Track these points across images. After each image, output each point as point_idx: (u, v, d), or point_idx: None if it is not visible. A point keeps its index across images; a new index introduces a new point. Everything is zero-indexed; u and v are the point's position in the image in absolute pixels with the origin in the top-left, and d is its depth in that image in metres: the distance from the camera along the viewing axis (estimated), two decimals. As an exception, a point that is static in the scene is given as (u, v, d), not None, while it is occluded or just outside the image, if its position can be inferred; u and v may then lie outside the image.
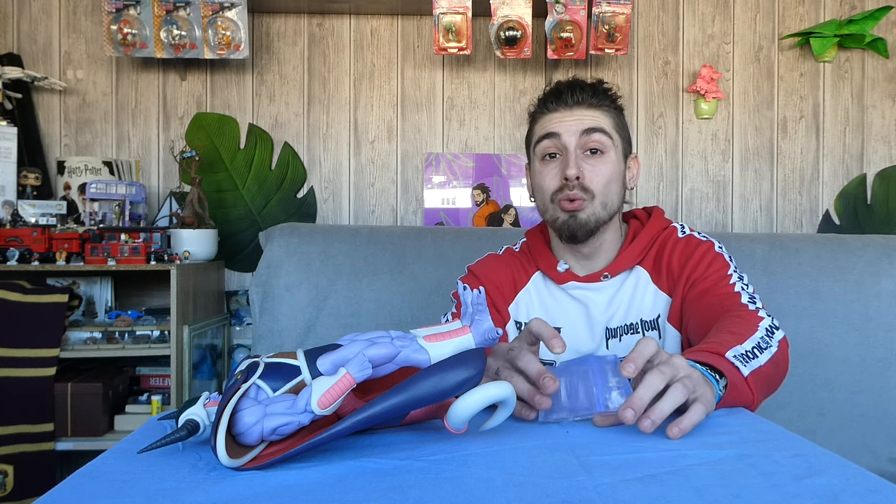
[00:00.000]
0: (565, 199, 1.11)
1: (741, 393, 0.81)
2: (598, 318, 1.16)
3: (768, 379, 0.88)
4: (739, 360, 0.83)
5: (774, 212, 2.45)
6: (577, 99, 1.13)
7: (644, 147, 2.43)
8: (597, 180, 1.11)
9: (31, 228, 1.97)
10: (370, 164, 2.41)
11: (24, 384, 1.85)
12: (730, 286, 1.06)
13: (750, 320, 0.94)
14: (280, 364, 0.63)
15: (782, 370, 0.93)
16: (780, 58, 2.44)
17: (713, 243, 1.15)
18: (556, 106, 1.14)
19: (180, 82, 2.37)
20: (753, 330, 0.91)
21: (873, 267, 1.68)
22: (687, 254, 1.13)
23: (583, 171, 1.11)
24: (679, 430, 0.68)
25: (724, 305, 1.01)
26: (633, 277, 1.17)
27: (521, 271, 1.24)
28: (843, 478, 0.57)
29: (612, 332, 1.15)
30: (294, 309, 1.67)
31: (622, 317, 1.15)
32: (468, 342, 0.66)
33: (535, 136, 1.18)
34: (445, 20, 2.16)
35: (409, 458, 0.63)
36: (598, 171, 1.12)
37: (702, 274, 1.09)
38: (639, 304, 1.15)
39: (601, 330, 1.16)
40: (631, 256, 1.16)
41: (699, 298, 1.07)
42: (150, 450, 0.62)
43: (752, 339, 0.88)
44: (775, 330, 0.94)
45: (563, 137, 1.12)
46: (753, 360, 0.85)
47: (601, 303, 1.16)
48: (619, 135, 1.16)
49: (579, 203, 1.11)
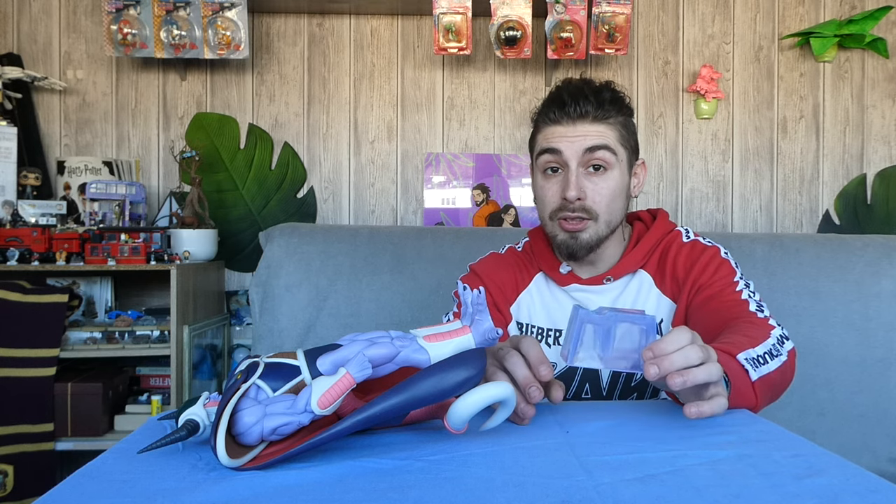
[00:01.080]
0: (565, 219, 1.09)
1: (745, 397, 0.82)
2: None
3: (774, 387, 0.87)
4: (750, 364, 0.83)
5: (774, 212, 2.45)
6: (580, 111, 1.08)
7: (644, 147, 2.43)
8: (599, 200, 1.09)
9: (31, 228, 1.97)
10: (370, 164, 2.41)
11: (24, 384, 1.85)
12: (737, 293, 1.05)
13: (762, 327, 0.94)
14: (280, 364, 0.63)
15: (788, 380, 0.92)
16: (780, 58, 2.44)
17: (719, 249, 1.13)
18: (559, 117, 1.09)
19: (180, 82, 2.37)
20: (766, 336, 0.90)
21: (873, 267, 1.68)
22: (692, 259, 1.12)
23: (584, 191, 1.08)
24: (698, 411, 0.68)
25: (732, 312, 1.00)
26: (636, 281, 1.16)
27: (523, 271, 1.23)
28: (843, 478, 0.57)
29: None
30: (294, 309, 1.67)
31: None
32: (468, 342, 0.66)
33: (538, 146, 1.14)
34: (445, 20, 2.16)
35: (409, 458, 0.63)
36: (600, 191, 1.09)
37: (708, 280, 1.08)
38: (641, 307, 1.14)
39: None
40: (634, 260, 1.15)
41: (705, 304, 1.06)
42: (150, 450, 0.62)
43: (764, 344, 0.88)
44: (786, 340, 0.93)
45: (564, 154, 1.09)
46: (763, 365, 0.85)
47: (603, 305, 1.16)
48: (624, 147, 1.12)
49: (582, 224, 1.09)
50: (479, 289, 0.67)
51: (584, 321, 0.71)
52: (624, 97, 1.13)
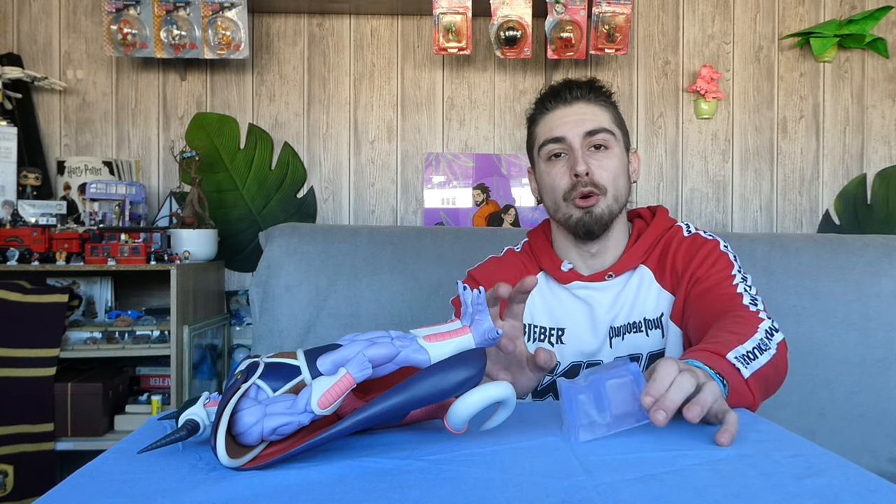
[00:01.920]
0: (579, 195, 1.12)
1: (742, 396, 0.82)
2: (602, 317, 1.16)
3: (767, 381, 0.88)
4: (740, 362, 0.83)
5: (774, 212, 2.45)
6: (575, 94, 1.15)
7: (644, 147, 2.43)
8: (605, 175, 1.13)
9: (31, 228, 1.97)
10: (370, 164, 2.41)
11: (24, 384, 1.85)
12: (732, 287, 1.06)
13: (750, 321, 0.94)
14: (280, 364, 0.63)
15: (781, 373, 0.93)
16: (780, 58, 2.44)
17: (719, 242, 1.15)
18: (556, 104, 1.16)
19: (180, 82, 2.37)
20: (753, 331, 0.91)
21: (873, 267, 1.68)
22: (692, 252, 1.13)
23: (591, 168, 1.12)
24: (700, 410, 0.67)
25: (726, 306, 1.01)
26: (636, 276, 1.17)
27: (523, 272, 1.23)
28: (843, 478, 0.57)
29: (615, 330, 1.16)
30: (294, 309, 1.67)
31: (626, 315, 1.15)
32: (468, 342, 0.66)
33: (539, 138, 1.18)
34: (445, 20, 2.16)
35: (409, 458, 0.63)
36: (605, 167, 1.13)
37: (705, 273, 1.09)
38: (642, 303, 1.15)
39: (605, 329, 1.16)
40: (636, 255, 1.17)
41: (701, 297, 1.07)
42: (150, 450, 0.62)
43: (752, 339, 0.88)
44: (774, 332, 0.94)
45: (567, 138, 1.13)
46: (754, 361, 0.85)
47: (605, 302, 1.16)
48: (620, 128, 1.18)
49: (594, 199, 1.12)
50: (478, 289, 0.67)
51: (574, 394, 0.69)
52: (609, 90, 1.20)
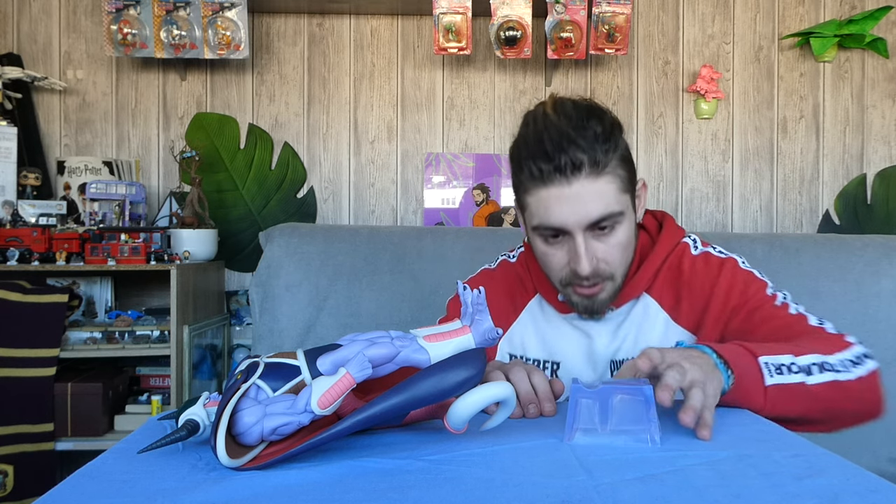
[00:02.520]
0: (581, 286, 0.99)
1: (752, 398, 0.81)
2: (601, 351, 1.07)
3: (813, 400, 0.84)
4: (770, 369, 0.81)
5: (774, 212, 2.45)
6: (572, 164, 0.91)
7: (644, 147, 2.43)
8: (612, 259, 0.98)
9: (31, 228, 1.97)
10: (370, 164, 2.41)
11: (24, 384, 1.85)
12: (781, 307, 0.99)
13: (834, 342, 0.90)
14: (280, 364, 0.63)
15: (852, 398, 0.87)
16: (780, 58, 2.44)
17: (736, 260, 1.05)
18: (549, 175, 0.92)
19: (180, 82, 2.37)
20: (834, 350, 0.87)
21: (873, 267, 1.68)
22: (710, 281, 1.02)
23: (595, 255, 0.96)
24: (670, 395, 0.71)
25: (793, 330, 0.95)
26: (640, 306, 1.06)
27: (515, 297, 1.14)
28: (843, 478, 0.57)
29: (617, 364, 1.06)
30: (294, 309, 1.67)
31: (630, 348, 1.05)
32: (468, 342, 0.66)
33: (532, 216, 0.97)
34: (445, 20, 2.16)
35: (409, 458, 0.63)
36: (611, 250, 0.97)
37: (739, 300, 1.00)
38: (647, 334, 1.05)
39: (605, 363, 1.07)
40: (639, 284, 1.06)
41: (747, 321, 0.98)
42: (150, 450, 0.62)
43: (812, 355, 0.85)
44: (866, 359, 0.90)
45: (567, 226, 0.95)
46: (792, 374, 0.82)
47: (605, 333, 1.07)
48: (627, 192, 0.97)
49: (598, 288, 0.99)
50: (479, 289, 0.67)
51: (581, 397, 0.70)
52: (607, 115, 0.96)
